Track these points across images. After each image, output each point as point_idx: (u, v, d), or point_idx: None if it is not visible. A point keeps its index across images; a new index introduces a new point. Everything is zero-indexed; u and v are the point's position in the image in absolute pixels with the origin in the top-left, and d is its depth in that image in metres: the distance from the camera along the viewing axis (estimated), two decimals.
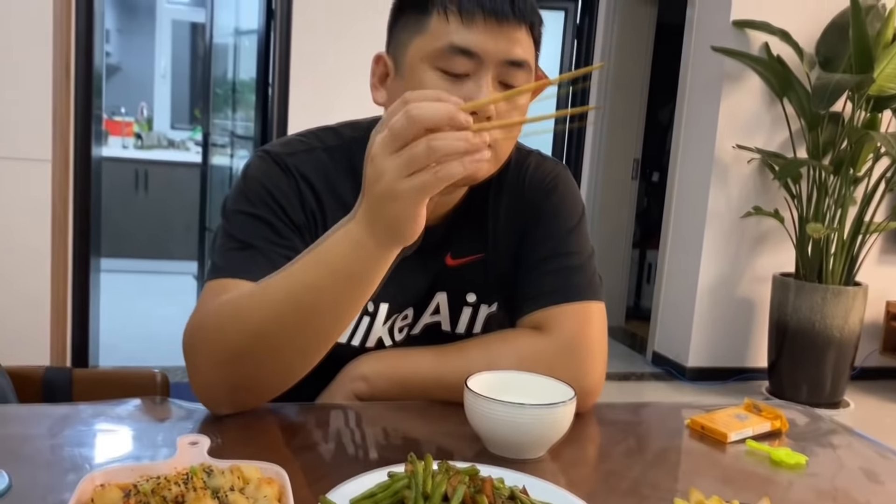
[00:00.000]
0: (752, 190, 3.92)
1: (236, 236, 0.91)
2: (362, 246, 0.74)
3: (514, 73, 0.89)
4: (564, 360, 0.93)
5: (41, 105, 2.63)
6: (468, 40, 0.87)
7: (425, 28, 0.89)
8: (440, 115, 0.66)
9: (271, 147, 0.98)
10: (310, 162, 0.97)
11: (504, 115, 0.89)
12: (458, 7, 0.87)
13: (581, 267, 1.00)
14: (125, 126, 5.96)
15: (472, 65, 0.87)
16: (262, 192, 0.93)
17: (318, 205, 0.95)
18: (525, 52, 0.90)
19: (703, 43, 3.94)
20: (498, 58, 0.88)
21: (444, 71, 0.88)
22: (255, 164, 0.97)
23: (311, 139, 1.00)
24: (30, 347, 2.75)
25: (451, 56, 0.87)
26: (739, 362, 4.05)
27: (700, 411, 0.97)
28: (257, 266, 0.86)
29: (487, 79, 0.88)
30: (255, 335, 0.80)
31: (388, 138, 0.68)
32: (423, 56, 0.89)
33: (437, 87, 0.87)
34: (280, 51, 3.12)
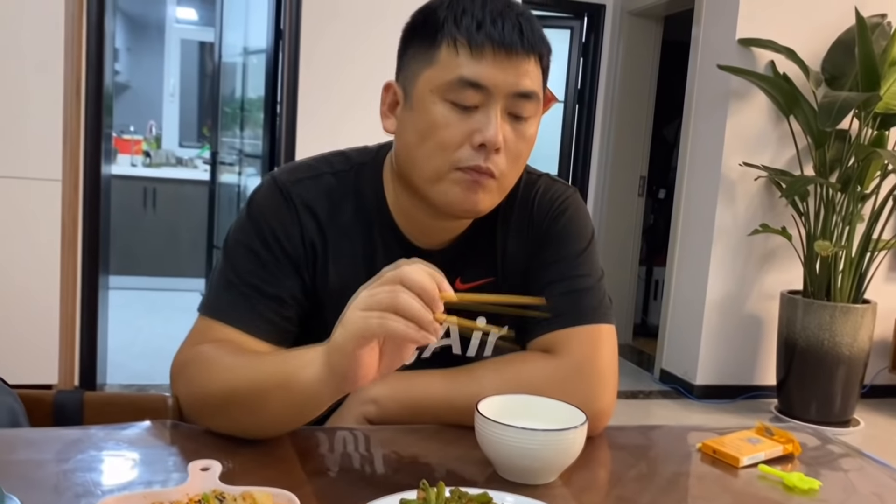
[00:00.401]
0: (759, 207, 3.92)
1: (230, 270, 0.95)
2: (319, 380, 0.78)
3: (523, 104, 0.90)
4: (575, 383, 0.93)
5: (52, 125, 2.65)
6: (478, 73, 0.87)
7: (435, 60, 0.89)
8: (420, 282, 0.71)
9: (280, 173, 1.01)
10: (315, 188, 0.99)
11: (511, 146, 0.91)
12: (467, 39, 0.87)
13: (591, 289, 1.00)
14: (134, 144, 6.00)
15: (481, 97, 0.88)
16: (262, 225, 0.96)
17: (320, 233, 0.98)
18: (533, 83, 0.90)
19: (708, 61, 3.96)
20: (507, 90, 0.88)
21: (454, 103, 0.89)
22: (262, 191, 0.99)
23: (321, 164, 1.02)
24: (38, 365, 2.75)
25: (460, 89, 0.88)
26: (748, 380, 4.02)
27: (711, 434, 0.97)
28: (240, 313, 0.93)
29: (496, 111, 0.89)
30: (222, 400, 0.85)
31: (375, 280, 0.75)
32: (433, 88, 0.89)
33: (447, 119, 0.89)
34: (288, 70, 3.14)
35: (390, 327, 0.71)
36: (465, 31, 0.88)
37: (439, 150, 0.90)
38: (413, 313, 0.71)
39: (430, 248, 1.01)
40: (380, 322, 0.71)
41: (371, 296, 0.73)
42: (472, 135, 0.89)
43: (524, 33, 0.88)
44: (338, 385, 0.77)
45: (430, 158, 0.91)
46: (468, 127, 0.89)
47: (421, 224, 0.99)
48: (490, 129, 0.88)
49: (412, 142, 0.92)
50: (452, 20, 0.89)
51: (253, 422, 0.84)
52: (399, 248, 1.00)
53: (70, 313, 2.86)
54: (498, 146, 0.89)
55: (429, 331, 0.71)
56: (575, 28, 4.91)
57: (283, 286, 0.95)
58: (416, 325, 0.71)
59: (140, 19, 6.22)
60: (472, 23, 0.88)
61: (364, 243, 1.00)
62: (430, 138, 0.90)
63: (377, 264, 0.99)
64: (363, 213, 1.00)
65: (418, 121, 0.91)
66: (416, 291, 0.72)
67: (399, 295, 0.71)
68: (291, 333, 0.97)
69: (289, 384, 0.80)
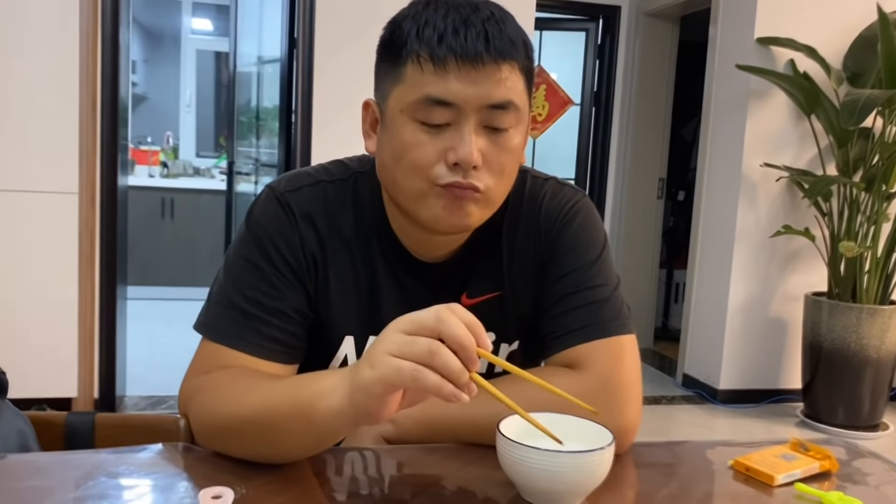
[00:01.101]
0: (781, 208, 3.86)
1: (230, 286, 0.92)
2: (340, 412, 0.74)
3: (500, 115, 0.85)
4: (600, 399, 0.89)
5: (67, 138, 2.66)
6: (443, 91, 0.82)
7: (401, 78, 0.85)
8: (459, 337, 0.68)
9: (278, 183, 0.98)
10: (313, 197, 0.96)
11: (491, 159, 0.86)
12: (429, 54, 0.82)
13: (608, 300, 0.96)
14: (151, 155, 6.03)
15: (451, 114, 0.84)
16: (261, 237, 0.93)
17: (319, 243, 0.95)
18: (509, 92, 0.84)
19: (727, 60, 3.90)
20: (478, 104, 0.83)
21: (423, 122, 0.84)
22: (260, 203, 0.96)
23: (320, 172, 0.99)
24: (58, 379, 2.76)
25: (428, 107, 0.83)
26: (773, 384, 3.96)
27: (742, 449, 0.93)
28: (245, 335, 0.90)
29: (469, 126, 0.84)
30: (235, 428, 0.82)
31: (409, 321, 0.70)
32: (403, 108, 0.85)
33: (418, 139, 0.85)
34: (302, 78, 3.13)
35: (424, 382, 0.68)
36: (426, 45, 0.82)
37: (415, 170, 0.86)
38: (449, 371, 0.67)
39: (432, 260, 0.98)
40: (413, 375, 0.68)
41: (408, 343, 0.69)
42: (446, 153, 0.85)
43: (491, 40, 0.82)
44: (357, 420, 0.74)
45: (408, 179, 0.87)
46: (441, 145, 0.85)
47: (418, 237, 0.96)
48: (463, 148, 0.83)
49: (389, 163, 0.89)
50: (415, 34, 0.83)
51: (268, 450, 0.81)
52: (399, 261, 0.97)
53: (89, 326, 2.86)
54: (474, 164, 0.84)
55: (463, 390, 0.68)
56: (590, 30, 4.88)
57: (285, 299, 0.92)
58: (451, 383, 0.68)
59: (156, 31, 6.26)
60: (433, 35, 0.82)
61: (364, 255, 0.97)
62: (403, 159, 0.86)
63: (378, 277, 0.96)
64: (362, 223, 0.97)
65: (392, 141, 0.87)
66: (454, 347, 0.68)
67: (439, 350, 0.67)
68: (300, 350, 0.94)
69: (305, 413, 0.76)
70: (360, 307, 0.97)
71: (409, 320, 0.71)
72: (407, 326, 0.70)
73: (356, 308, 0.97)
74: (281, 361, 0.92)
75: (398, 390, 0.71)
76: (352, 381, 0.73)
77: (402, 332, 0.70)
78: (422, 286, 0.98)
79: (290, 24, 3.45)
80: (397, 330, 0.71)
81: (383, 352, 0.70)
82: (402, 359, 0.69)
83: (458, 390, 0.68)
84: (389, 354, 0.69)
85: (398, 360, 0.69)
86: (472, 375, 0.69)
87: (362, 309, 0.97)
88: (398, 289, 0.97)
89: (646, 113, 4.83)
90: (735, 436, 3.51)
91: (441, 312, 0.69)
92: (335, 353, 0.98)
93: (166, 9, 6.18)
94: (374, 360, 0.70)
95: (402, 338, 0.69)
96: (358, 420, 0.74)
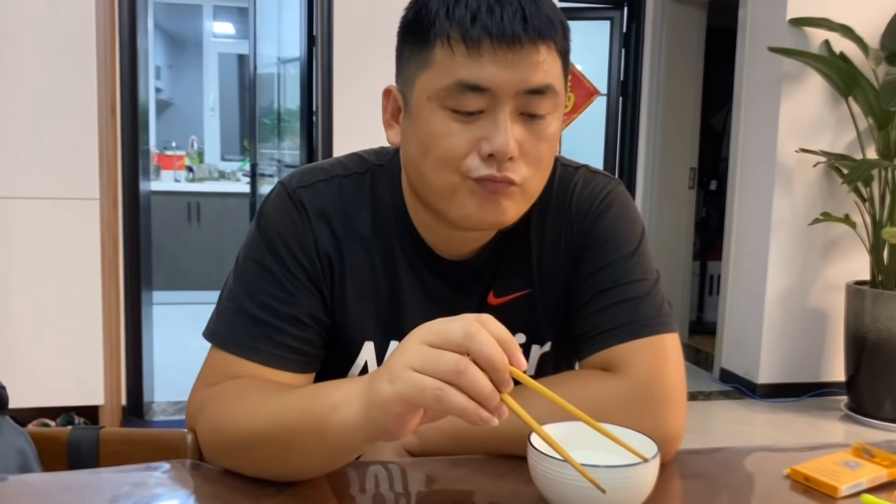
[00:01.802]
0: (819, 195, 3.73)
1: (241, 290, 0.86)
2: (355, 427, 0.67)
3: (537, 101, 0.78)
4: (641, 404, 0.82)
5: (87, 144, 2.64)
6: (477, 75, 0.75)
7: (429, 62, 0.78)
8: (490, 356, 0.61)
9: (290, 179, 0.91)
10: (328, 192, 0.89)
11: (528, 149, 0.79)
12: (461, 36, 0.75)
13: (648, 295, 0.88)
14: (177, 160, 6.04)
15: (485, 100, 0.76)
16: (273, 237, 0.86)
17: (335, 243, 0.88)
18: (547, 76, 0.77)
19: (758, 44, 3.78)
20: (515, 89, 0.76)
21: (455, 110, 0.77)
22: (272, 200, 0.90)
23: (335, 166, 0.92)
24: (85, 386, 2.74)
25: (459, 94, 0.76)
26: (814, 377, 3.83)
27: (798, 455, 0.85)
28: (256, 343, 0.84)
29: (505, 114, 0.76)
30: (245, 443, 0.76)
31: (435, 332, 0.63)
32: (431, 95, 0.78)
33: (448, 129, 0.77)
34: (322, 77, 3.08)
35: (448, 403, 0.61)
36: (458, 24, 0.75)
37: (445, 163, 0.78)
38: (478, 393, 0.61)
39: (457, 258, 0.91)
40: (437, 395, 0.61)
41: (433, 358, 0.62)
42: (480, 143, 0.77)
43: (529, 18, 0.75)
44: (375, 436, 0.68)
45: (437, 172, 0.79)
46: (473, 135, 0.77)
47: (443, 234, 0.88)
48: (499, 137, 0.76)
49: (416, 155, 0.81)
50: (445, 13, 0.76)
51: (281, 467, 0.75)
52: (422, 259, 0.90)
53: (114, 332, 2.84)
54: (511, 154, 0.76)
55: (493, 413, 0.61)
56: (615, 19, 4.77)
57: (299, 304, 0.85)
58: (479, 404, 0.61)
59: (178, 36, 6.27)
60: (465, 14, 0.75)
61: (383, 254, 0.89)
62: (432, 151, 0.79)
63: (399, 277, 0.89)
64: (381, 220, 0.90)
65: (419, 132, 0.80)
66: (484, 365, 0.61)
67: (467, 369, 0.60)
68: (316, 357, 0.88)
69: (318, 427, 0.70)
70: (379, 310, 0.90)
71: (435, 331, 0.63)
72: (432, 338, 0.63)
73: (375, 311, 0.90)
74: (296, 371, 0.86)
75: (419, 409, 0.64)
76: (368, 395, 0.66)
77: (426, 343, 0.63)
78: (446, 285, 0.91)
79: (308, 22, 3.41)
80: (421, 341, 0.63)
81: (404, 365, 0.63)
82: (425, 374, 0.61)
83: (488, 413, 0.61)
84: (411, 369, 0.62)
85: (420, 376, 0.62)
86: (503, 396, 0.62)
87: (382, 312, 0.90)
88: (421, 289, 0.91)
89: (675, 102, 4.71)
90: (777, 432, 3.40)
91: (471, 326, 0.62)
92: (354, 359, 0.92)
93: (188, 14, 6.19)
94: (394, 374, 0.63)
95: (426, 351, 0.62)
96: (375, 436, 0.68)
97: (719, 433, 3.52)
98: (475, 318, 0.63)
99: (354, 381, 0.70)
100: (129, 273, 2.92)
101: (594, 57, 4.93)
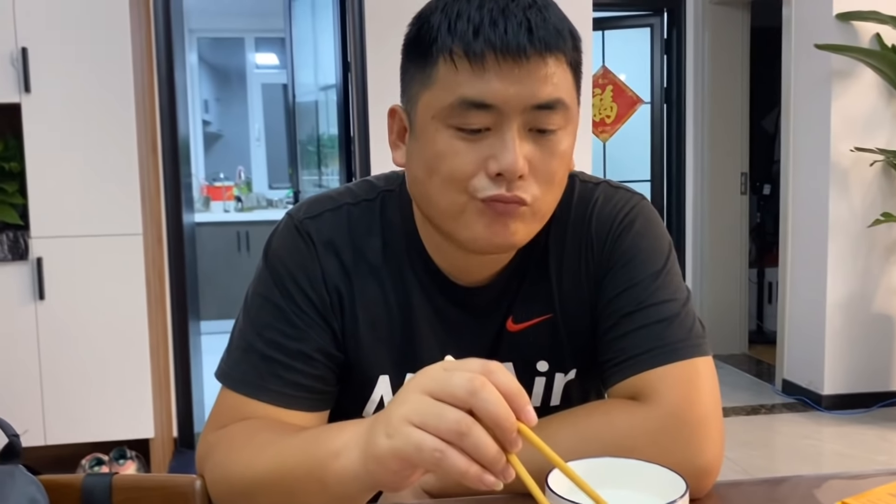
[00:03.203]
0: (878, 194, 3.57)
1: (249, 328, 0.84)
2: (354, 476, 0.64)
3: (547, 116, 0.73)
4: (672, 435, 0.76)
5: (128, 180, 2.68)
6: (482, 91, 0.71)
7: (433, 79, 0.74)
8: (496, 413, 0.56)
9: (297, 210, 0.88)
10: (336, 222, 0.86)
11: (538, 167, 0.74)
12: (464, 51, 0.71)
13: (677, 317, 0.82)
14: (226, 190, 6.15)
15: (491, 117, 0.72)
16: (280, 271, 0.84)
17: (344, 274, 0.84)
18: (556, 89, 0.73)
19: (804, 42, 3.65)
20: (522, 104, 0.72)
21: (460, 128, 0.73)
22: (279, 233, 0.87)
23: (344, 194, 0.89)
24: (135, 419, 2.77)
25: (464, 111, 0.72)
26: (884, 386, 3.64)
27: (852, 484, 0.77)
28: (265, 383, 0.81)
29: (513, 131, 0.72)
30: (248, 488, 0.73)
31: (437, 382, 0.58)
32: (434, 113, 0.74)
33: (453, 148, 0.74)
34: (358, 102, 3.08)
35: (449, 466, 0.56)
36: (460, 39, 0.72)
37: (451, 183, 0.75)
38: (482, 456, 0.56)
39: (472, 284, 0.86)
40: (435, 457, 0.56)
41: (434, 414, 0.56)
42: (487, 162, 0.73)
43: (534, 30, 0.71)
44: (373, 487, 0.64)
45: (443, 193, 0.76)
46: (480, 154, 0.73)
47: (456, 258, 0.84)
48: (507, 156, 0.72)
49: (421, 176, 0.78)
50: (447, 28, 0.73)
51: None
52: (436, 286, 0.86)
53: (163, 365, 2.87)
54: (520, 173, 0.72)
55: (498, 477, 0.56)
56: (655, 25, 4.69)
57: (308, 340, 0.82)
58: (483, 467, 0.56)
59: (223, 69, 6.41)
60: (468, 28, 0.71)
61: (395, 283, 0.86)
62: (438, 171, 0.75)
63: (413, 307, 0.85)
64: (392, 248, 0.86)
65: (424, 152, 0.76)
66: (490, 425, 0.56)
67: (470, 430, 0.55)
68: (329, 395, 0.85)
69: (319, 476, 0.66)
70: (393, 342, 0.86)
71: (436, 380, 0.58)
72: (433, 387, 0.58)
73: (389, 344, 0.86)
74: (307, 409, 0.82)
75: (417, 468, 0.60)
76: (366, 447, 0.62)
77: (426, 393, 0.58)
78: (462, 312, 0.87)
79: (342, 49, 3.43)
80: (422, 390, 0.58)
81: (402, 419, 0.58)
82: (424, 431, 0.57)
83: (492, 477, 0.56)
84: (410, 423, 0.57)
85: (419, 433, 0.57)
86: (510, 457, 0.57)
87: (396, 344, 0.86)
88: (436, 317, 0.87)
89: (721, 106, 4.60)
90: (845, 445, 3.24)
91: (475, 381, 0.56)
92: (370, 395, 0.88)
93: (231, 47, 6.32)
94: (392, 428, 0.59)
95: (427, 404, 0.57)
96: (374, 487, 0.64)
97: (784, 449, 3.37)
98: (481, 368, 0.58)
99: (356, 425, 0.66)
100: (175, 305, 2.95)
101: (636, 65, 4.85)
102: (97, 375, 2.71)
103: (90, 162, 2.65)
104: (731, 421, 3.49)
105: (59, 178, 2.63)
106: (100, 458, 2.74)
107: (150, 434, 2.78)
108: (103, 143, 2.65)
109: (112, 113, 2.65)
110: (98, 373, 2.71)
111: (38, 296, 2.66)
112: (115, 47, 2.64)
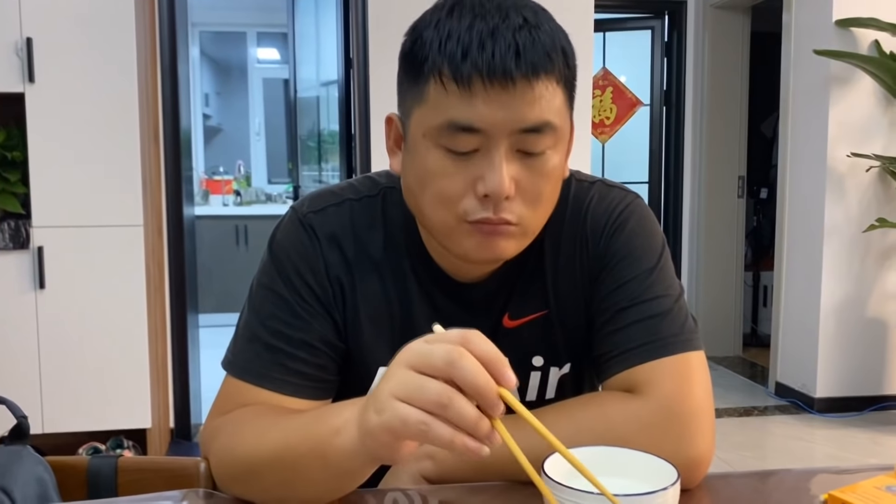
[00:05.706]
0: (874, 200, 3.60)
1: (253, 318, 0.86)
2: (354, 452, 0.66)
3: (534, 139, 0.74)
4: (665, 427, 0.79)
5: (130, 172, 2.69)
6: (468, 115, 0.72)
7: (423, 97, 0.75)
8: (475, 382, 0.58)
9: (301, 204, 0.90)
10: (338, 217, 0.88)
11: (526, 187, 0.76)
12: (452, 73, 0.72)
13: (670, 312, 0.84)
14: (225, 184, 6.16)
15: (478, 140, 0.74)
16: (284, 263, 0.86)
17: (346, 267, 0.87)
18: (544, 112, 0.74)
19: (803, 47, 3.68)
20: (509, 128, 0.73)
21: (449, 149, 0.75)
22: (283, 226, 0.89)
23: (346, 190, 0.91)
24: (132, 409, 2.78)
25: (452, 134, 0.74)
26: (875, 390, 3.67)
27: (837, 478, 0.80)
28: (268, 371, 0.83)
29: (499, 154, 0.74)
30: (252, 469, 0.75)
31: (418, 355, 0.60)
32: (425, 132, 0.76)
33: (444, 167, 0.75)
34: (359, 99, 3.10)
35: (434, 437, 0.58)
36: (449, 61, 0.72)
37: (441, 202, 0.77)
38: (465, 423, 0.58)
39: (470, 280, 0.88)
40: (420, 429, 0.58)
41: (416, 387, 0.59)
42: (475, 183, 0.75)
43: (522, 53, 0.71)
44: (372, 461, 0.66)
45: (434, 210, 0.78)
46: (469, 174, 0.75)
47: (454, 258, 0.86)
48: (493, 178, 0.73)
49: (414, 189, 0.80)
50: (438, 47, 0.73)
51: (289, 494, 0.74)
52: (434, 282, 0.88)
53: (161, 356, 2.88)
54: (506, 195, 0.74)
55: (483, 442, 0.58)
56: (656, 28, 4.72)
57: (311, 330, 0.84)
58: (467, 434, 0.58)
59: (225, 63, 6.42)
60: (457, 50, 0.72)
61: (395, 278, 0.88)
62: (429, 188, 0.77)
63: (412, 301, 0.88)
64: (393, 243, 0.88)
65: (416, 166, 0.78)
66: (470, 393, 0.58)
67: (451, 400, 0.57)
68: (331, 383, 0.87)
69: (321, 452, 0.69)
70: (392, 335, 0.89)
71: (418, 354, 0.61)
72: (416, 361, 0.60)
73: (389, 336, 0.89)
74: (310, 398, 0.84)
75: (406, 440, 0.62)
76: (360, 423, 0.65)
77: (410, 367, 0.60)
78: (460, 308, 0.89)
79: (345, 45, 3.44)
80: (405, 365, 0.61)
81: (389, 394, 0.61)
82: (409, 405, 0.59)
83: (477, 443, 0.58)
84: (395, 398, 0.60)
85: (405, 407, 0.59)
86: (495, 422, 0.59)
87: (395, 337, 0.89)
88: (434, 312, 0.89)
89: (720, 109, 4.62)
90: (837, 448, 3.27)
91: (453, 352, 0.58)
92: (370, 384, 0.90)
93: (233, 41, 6.33)
94: (380, 404, 0.61)
95: (410, 377, 0.60)
96: (373, 461, 0.66)
97: (776, 450, 3.40)
98: (459, 338, 0.60)
99: (355, 404, 0.68)
100: (174, 297, 2.97)
101: (636, 67, 4.87)
102: (96, 365, 2.73)
103: (92, 152, 2.66)
104: (723, 422, 3.51)
105: (62, 168, 2.65)
106: (97, 447, 2.76)
107: (147, 424, 2.80)
108: (106, 134, 2.66)
109: (115, 105, 2.66)
110: (96, 362, 2.72)
111: (38, 285, 2.68)
112: (119, 39, 2.65)
